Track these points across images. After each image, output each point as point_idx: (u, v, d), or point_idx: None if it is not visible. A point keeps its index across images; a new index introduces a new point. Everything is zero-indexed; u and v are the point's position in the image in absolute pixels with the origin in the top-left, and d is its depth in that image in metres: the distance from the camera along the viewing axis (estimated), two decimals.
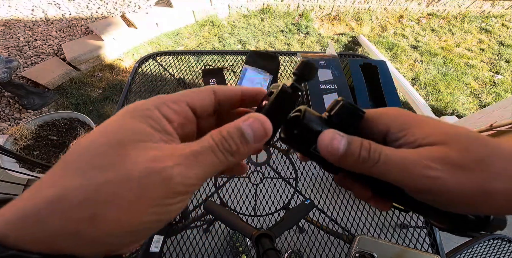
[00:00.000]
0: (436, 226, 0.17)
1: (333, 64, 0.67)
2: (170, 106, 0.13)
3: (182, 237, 0.58)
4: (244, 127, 0.13)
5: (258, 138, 0.14)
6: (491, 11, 2.44)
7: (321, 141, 0.15)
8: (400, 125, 0.15)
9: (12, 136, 1.19)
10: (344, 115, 0.16)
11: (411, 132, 0.15)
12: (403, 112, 0.16)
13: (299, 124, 0.16)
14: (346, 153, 0.14)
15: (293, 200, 0.65)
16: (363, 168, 0.14)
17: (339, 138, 0.14)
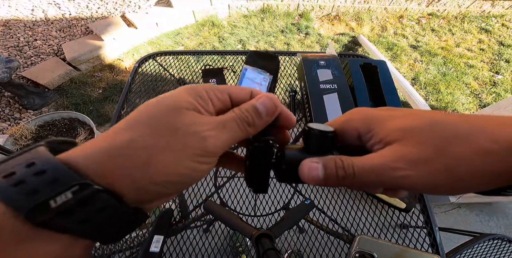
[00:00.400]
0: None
1: (333, 64, 0.67)
2: (216, 93, 0.16)
3: (182, 237, 0.58)
4: (257, 104, 0.16)
5: (270, 112, 0.16)
6: (491, 11, 2.44)
7: (301, 174, 0.16)
8: (365, 126, 0.16)
9: (12, 136, 1.19)
10: (315, 142, 0.17)
11: (376, 132, 0.16)
12: (366, 112, 0.17)
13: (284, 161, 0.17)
14: (326, 177, 0.15)
15: (293, 200, 0.65)
16: (345, 183, 0.15)
17: (315, 166, 0.16)
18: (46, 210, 0.11)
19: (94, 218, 0.12)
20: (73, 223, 0.12)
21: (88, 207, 0.12)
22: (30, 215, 0.11)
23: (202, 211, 0.63)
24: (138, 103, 0.77)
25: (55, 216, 0.11)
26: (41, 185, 0.11)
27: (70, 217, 0.11)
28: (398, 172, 0.14)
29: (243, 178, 0.19)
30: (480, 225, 1.28)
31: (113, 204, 0.12)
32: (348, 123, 0.17)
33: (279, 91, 0.80)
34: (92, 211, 0.12)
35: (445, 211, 1.31)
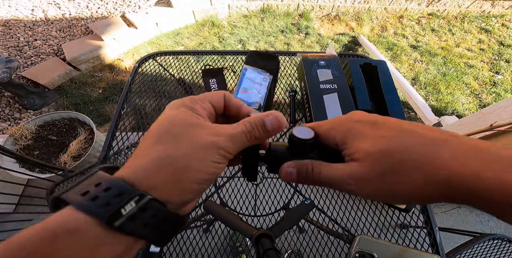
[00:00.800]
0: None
1: (333, 64, 0.67)
2: (201, 104, 0.20)
3: (182, 237, 0.58)
4: (266, 121, 0.20)
5: (275, 129, 0.20)
6: (491, 11, 2.44)
7: (280, 173, 0.20)
8: (342, 139, 0.19)
9: (12, 136, 1.19)
10: (296, 147, 0.21)
11: (347, 147, 0.19)
12: (348, 126, 0.20)
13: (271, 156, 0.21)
14: (298, 179, 0.20)
15: (293, 200, 0.65)
16: (314, 184, 0.20)
17: (290, 170, 0.20)
18: (119, 217, 0.14)
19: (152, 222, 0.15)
20: (139, 226, 0.15)
21: (146, 213, 0.15)
22: (109, 222, 0.14)
23: (202, 211, 0.63)
24: (138, 103, 0.77)
25: (125, 221, 0.14)
26: (111, 199, 0.14)
27: (134, 221, 0.15)
28: (348, 186, 0.18)
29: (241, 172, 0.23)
30: (480, 225, 1.28)
31: (163, 211, 0.16)
32: (330, 132, 0.20)
33: (279, 91, 0.80)
34: (149, 216, 0.15)
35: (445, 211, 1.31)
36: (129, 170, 0.16)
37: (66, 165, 1.15)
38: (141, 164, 0.16)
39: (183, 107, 0.19)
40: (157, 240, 0.17)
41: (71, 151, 1.18)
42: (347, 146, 0.19)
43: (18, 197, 0.92)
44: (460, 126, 1.29)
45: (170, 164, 0.16)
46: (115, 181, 0.15)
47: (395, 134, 0.18)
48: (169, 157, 0.16)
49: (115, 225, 0.14)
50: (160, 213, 0.16)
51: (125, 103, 0.75)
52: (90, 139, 1.25)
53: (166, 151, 0.17)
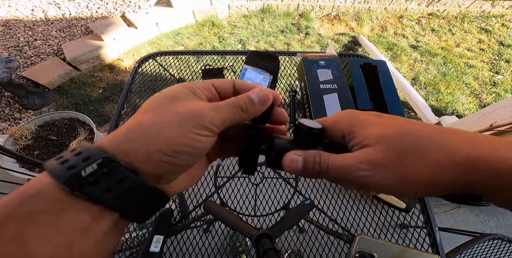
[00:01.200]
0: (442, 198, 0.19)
1: (333, 64, 0.67)
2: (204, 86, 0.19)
3: (182, 237, 0.58)
4: (251, 94, 0.19)
5: (261, 101, 0.19)
6: (491, 11, 2.44)
7: (283, 163, 0.19)
8: (350, 129, 0.18)
9: (12, 136, 1.19)
10: (302, 136, 0.20)
11: (356, 135, 0.18)
12: (353, 117, 0.19)
13: (272, 150, 0.20)
14: (304, 170, 0.18)
15: (293, 200, 0.65)
16: (319, 176, 0.18)
17: (296, 158, 0.18)
18: (80, 179, 0.14)
19: (116, 188, 0.15)
20: (100, 191, 0.14)
21: (110, 177, 0.14)
22: (68, 183, 0.13)
23: (202, 211, 0.63)
24: (138, 103, 0.77)
25: (86, 184, 0.14)
26: (78, 162, 0.14)
27: (97, 185, 0.14)
28: (361, 172, 0.16)
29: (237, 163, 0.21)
30: (480, 225, 1.28)
31: (130, 177, 0.15)
32: (336, 123, 0.19)
33: (279, 91, 0.80)
34: (113, 181, 0.15)
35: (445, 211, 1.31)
36: (107, 138, 0.16)
37: None
38: (117, 132, 0.16)
39: (180, 85, 0.18)
40: (128, 213, 0.16)
41: None
42: (355, 135, 0.18)
43: None
44: (460, 126, 1.29)
45: (141, 131, 0.16)
46: (88, 146, 0.15)
47: (403, 122, 0.17)
48: (142, 124, 0.16)
49: (74, 188, 0.13)
50: (129, 181, 0.15)
51: (125, 103, 0.75)
52: (90, 139, 1.25)
53: (143, 119, 0.16)
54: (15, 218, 0.12)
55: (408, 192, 0.16)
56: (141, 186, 0.16)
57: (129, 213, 0.16)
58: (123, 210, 0.15)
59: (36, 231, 0.12)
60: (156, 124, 0.16)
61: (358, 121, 0.18)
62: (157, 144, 0.15)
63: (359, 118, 0.19)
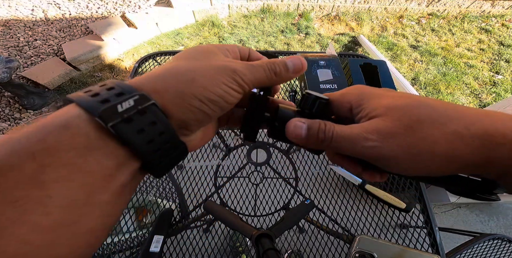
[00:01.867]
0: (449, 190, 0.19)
1: (333, 64, 0.67)
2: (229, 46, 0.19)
3: (182, 237, 0.58)
4: (287, 61, 0.19)
5: (296, 69, 0.19)
6: (491, 11, 2.44)
7: (287, 129, 0.18)
8: (358, 101, 0.18)
9: None
10: (309, 106, 0.19)
11: (365, 107, 0.17)
12: (363, 89, 0.19)
13: (276, 118, 0.19)
14: (307, 136, 0.17)
15: (293, 200, 0.65)
16: (323, 146, 0.17)
17: (300, 124, 0.18)
18: (115, 113, 0.13)
19: (148, 130, 0.14)
20: (132, 131, 0.13)
21: (144, 117, 0.14)
22: (103, 117, 0.12)
23: (202, 211, 0.63)
24: None
25: (120, 121, 0.13)
26: (111, 96, 0.13)
27: (130, 123, 0.13)
28: (368, 142, 0.15)
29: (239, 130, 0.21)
30: (480, 225, 1.28)
31: (163, 121, 0.14)
32: (344, 96, 0.19)
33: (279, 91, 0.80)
34: (146, 122, 0.14)
35: (445, 211, 1.31)
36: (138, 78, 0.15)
37: None
38: (152, 73, 0.16)
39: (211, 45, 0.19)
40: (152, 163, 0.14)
41: None
42: (363, 107, 0.17)
43: None
44: None
45: (176, 74, 0.15)
46: (120, 82, 0.14)
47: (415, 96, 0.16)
48: (178, 69, 0.16)
49: (108, 123, 0.12)
50: (160, 123, 0.14)
51: None
52: None
53: (178, 65, 0.16)
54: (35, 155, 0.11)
55: (420, 166, 0.15)
56: (170, 133, 0.15)
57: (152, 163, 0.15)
58: (149, 158, 0.14)
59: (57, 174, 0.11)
60: (192, 70, 0.16)
61: (367, 94, 0.18)
62: (192, 88, 0.15)
63: (368, 91, 0.18)
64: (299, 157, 0.70)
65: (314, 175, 0.67)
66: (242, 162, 0.69)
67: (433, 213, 0.58)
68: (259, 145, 0.71)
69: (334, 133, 0.17)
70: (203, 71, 0.16)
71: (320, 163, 0.68)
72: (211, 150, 0.71)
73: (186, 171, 0.67)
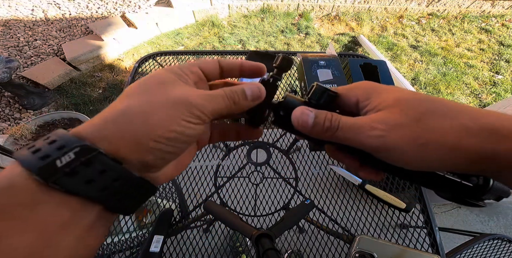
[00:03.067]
0: (440, 196, 0.19)
1: (333, 64, 0.67)
2: (189, 68, 0.18)
3: (182, 237, 0.58)
4: (245, 88, 0.18)
5: (254, 97, 0.19)
6: (491, 11, 2.44)
7: (293, 115, 0.18)
8: (365, 94, 0.18)
9: (12, 136, 1.19)
10: (318, 97, 0.19)
11: (373, 100, 0.17)
12: (371, 84, 0.19)
13: (283, 107, 0.19)
14: (314, 124, 0.17)
15: (293, 200, 0.65)
16: (328, 135, 0.17)
17: (308, 112, 0.18)
18: (54, 169, 0.12)
19: (98, 179, 0.13)
20: (79, 183, 0.13)
21: (90, 168, 0.13)
22: (41, 174, 0.12)
23: (202, 211, 0.63)
24: None
25: (62, 176, 0.12)
26: (52, 151, 0.13)
27: (75, 176, 0.13)
28: (374, 132, 0.15)
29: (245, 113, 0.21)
30: (480, 225, 1.28)
31: (114, 167, 0.14)
32: (352, 90, 0.19)
33: (279, 91, 0.80)
34: (94, 172, 0.13)
35: (445, 211, 1.31)
36: (86, 124, 0.14)
37: None
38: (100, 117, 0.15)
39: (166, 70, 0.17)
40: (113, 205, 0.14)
41: None
42: (371, 100, 0.17)
43: None
44: None
45: (127, 115, 0.14)
46: (63, 134, 0.14)
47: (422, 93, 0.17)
48: (131, 109, 0.15)
49: (49, 180, 0.12)
50: (112, 171, 0.14)
51: None
52: None
53: (130, 104, 0.15)
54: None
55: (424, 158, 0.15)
56: (127, 177, 0.14)
57: (114, 205, 0.15)
58: (107, 202, 0.14)
59: (10, 226, 0.11)
60: (144, 110, 0.15)
61: (375, 88, 0.18)
62: (145, 129, 0.14)
63: (377, 86, 0.18)
64: (299, 157, 0.70)
65: (314, 175, 0.67)
66: (242, 162, 0.69)
67: (433, 213, 0.58)
68: (259, 145, 0.71)
69: (341, 122, 0.17)
70: (157, 108, 0.15)
71: (320, 163, 0.68)
72: (211, 150, 0.71)
73: (186, 171, 0.67)
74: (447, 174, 0.17)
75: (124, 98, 0.16)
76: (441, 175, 0.17)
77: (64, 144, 0.13)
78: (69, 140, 0.13)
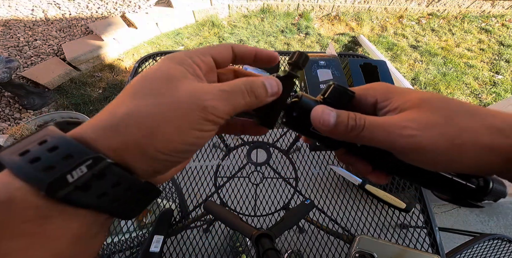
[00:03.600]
0: (439, 197, 0.19)
1: (333, 64, 0.67)
2: (200, 57, 0.16)
3: (182, 237, 0.58)
4: (266, 82, 0.17)
5: (273, 92, 0.17)
6: (491, 11, 2.44)
7: (313, 114, 0.17)
8: (385, 95, 0.17)
9: (12, 136, 1.19)
10: (336, 96, 0.18)
11: (394, 100, 0.17)
12: (388, 85, 0.18)
13: (297, 107, 0.18)
14: (337, 124, 0.16)
15: (293, 200, 0.65)
16: (353, 135, 0.16)
17: (329, 111, 0.16)
18: (65, 185, 0.11)
19: (111, 192, 0.12)
20: (92, 197, 0.12)
21: (104, 181, 0.12)
22: (50, 190, 0.11)
23: (202, 211, 0.63)
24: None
25: (73, 190, 0.11)
26: (56, 161, 0.11)
27: (88, 191, 0.12)
28: (407, 131, 0.14)
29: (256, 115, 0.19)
30: (480, 225, 1.28)
31: (126, 178, 0.13)
32: (369, 90, 0.18)
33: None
34: (108, 185, 0.12)
35: (445, 211, 1.31)
36: (87, 127, 0.13)
37: None
38: (104, 120, 0.13)
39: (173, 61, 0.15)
40: (122, 214, 0.14)
41: None
42: (392, 100, 0.17)
43: None
44: None
45: (134, 123, 0.13)
46: (64, 139, 0.12)
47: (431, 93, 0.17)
48: (137, 114, 0.13)
49: (58, 196, 0.11)
50: (125, 182, 0.13)
51: None
52: None
53: (136, 107, 0.13)
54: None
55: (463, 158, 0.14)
56: (137, 186, 0.14)
57: (121, 213, 0.14)
58: (115, 211, 0.13)
59: (17, 244, 0.10)
60: (152, 117, 0.13)
61: (395, 88, 0.17)
62: (154, 142, 0.13)
63: (395, 87, 0.18)
64: (299, 157, 0.70)
65: (314, 175, 0.67)
66: (242, 162, 0.69)
67: (433, 213, 0.58)
68: (259, 145, 0.71)
69: (367, 121, 0.16)
70: (165, 117, 0.13)
71: (320, 163, 0.68)
72: (211, 150, 0.71)
73: (186, 171, 0.67)
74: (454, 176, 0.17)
75: (127, 98, 0.14)
76: (449, 177, 0.17)
77: (70, 153, 0.12)
78: (76, 149, 0.12)
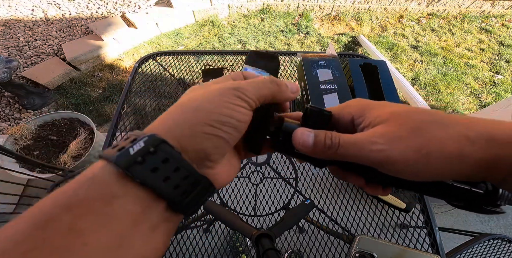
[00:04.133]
0: (452, 205, 0.19)
1: (333, 64, 0.67)
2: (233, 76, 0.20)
3: (182, 237, 0.58)
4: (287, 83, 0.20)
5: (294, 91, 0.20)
6: (491, 11, 2.44)
7: (294, 137, 0.18)
8: (360, 111, 0.18)
9: (12, 136, 1.19)
10: (313, 117, 0.20)
11: (367, 116, 0.18)
12: (363, 101, 0.19)
13: (281, 131, 0.20)
14: (314, 143, 0.18)
15: (293, 200, 0.65)
16: (331, 153, 0.17)
17: (307, 133, 0.18)
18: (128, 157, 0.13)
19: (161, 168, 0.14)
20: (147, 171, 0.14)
21: (155, 156, 0.14)
22: (118, 162, 0.13)
23: (202, 211, 0.63)
24: (138, 103, 0.77)
25: (133, 163, 0.13)
26: (127, 144, 0.14)
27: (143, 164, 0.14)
28: (375, 146, 0.15)
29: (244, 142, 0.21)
30: (480, 225, 1.28)
31: (174, 155, 0.15)
32: (345, 108, 0.20)
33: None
34: (158, 161, 0.14)
35: (445, 211, 1.31)
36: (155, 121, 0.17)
37: (66, 165, 1.15)
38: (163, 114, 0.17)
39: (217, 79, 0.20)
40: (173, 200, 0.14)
41: (71, 151, 1.18)
42: (366, 116, 0.18)
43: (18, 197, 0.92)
44: None
45: (181, 107, 0.16)
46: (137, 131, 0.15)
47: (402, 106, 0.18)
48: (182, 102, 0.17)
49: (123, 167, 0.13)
50: (172, 159, 0.14)
51: (125, 103, 0.75)
52: (90, 139, 1.25)
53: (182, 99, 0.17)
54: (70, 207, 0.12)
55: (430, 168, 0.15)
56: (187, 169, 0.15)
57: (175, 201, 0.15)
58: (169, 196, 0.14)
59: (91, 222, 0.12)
60: (194, 98, 0.16)
61: (369, 105, 0.19)
62: (198, 116, 0.16)
63: (369, 102, 0.19)
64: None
65: (314, 175, 0.67)
66: (242, 162, 0.69)
67: (433, 213, 0.58)
68: None
69: (341, 139, 0.17)
70: (206, 96, 0.16)
71: None
72: None
73: None
74: (455, 183, 0.17)
75: (184, 95, 0.18)
76: (449, 184, 0.17)
77: (136, 137, 0.15)
78: (141, 134, 0.15)
